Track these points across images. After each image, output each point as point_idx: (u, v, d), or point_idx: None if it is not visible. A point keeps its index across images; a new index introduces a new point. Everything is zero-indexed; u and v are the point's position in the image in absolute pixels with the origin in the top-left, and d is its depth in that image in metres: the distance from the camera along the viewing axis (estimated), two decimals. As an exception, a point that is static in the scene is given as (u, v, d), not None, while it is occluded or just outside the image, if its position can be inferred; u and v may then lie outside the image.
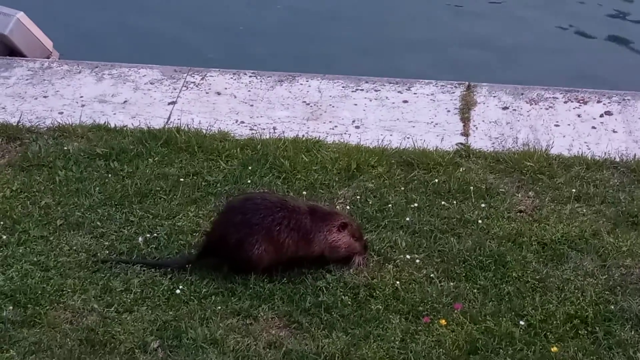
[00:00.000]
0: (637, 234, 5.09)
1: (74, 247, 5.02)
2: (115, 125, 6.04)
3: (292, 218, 4.75)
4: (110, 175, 5.56)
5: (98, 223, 5.19)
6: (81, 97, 6.37)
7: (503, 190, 5.45)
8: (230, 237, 4.74)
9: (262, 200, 4.82)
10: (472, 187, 5.43)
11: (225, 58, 7.41)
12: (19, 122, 6.02)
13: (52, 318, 4.57)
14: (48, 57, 7.07)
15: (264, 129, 6.05)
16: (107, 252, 4.99)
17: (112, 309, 4.64)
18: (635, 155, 5.72)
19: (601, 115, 6.15)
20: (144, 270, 4.86)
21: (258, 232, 4.71)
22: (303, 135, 5.94)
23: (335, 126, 6.10)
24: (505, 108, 6.25)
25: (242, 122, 6.13)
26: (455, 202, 5.34)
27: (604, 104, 6.25)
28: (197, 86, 6.49)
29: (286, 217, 4.74)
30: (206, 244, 4.88)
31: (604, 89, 6.43)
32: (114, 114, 6.20)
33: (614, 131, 6.01)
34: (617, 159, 5.70)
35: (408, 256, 4.95)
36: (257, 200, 4.83)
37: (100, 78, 6.58)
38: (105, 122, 6.06)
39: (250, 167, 5.62)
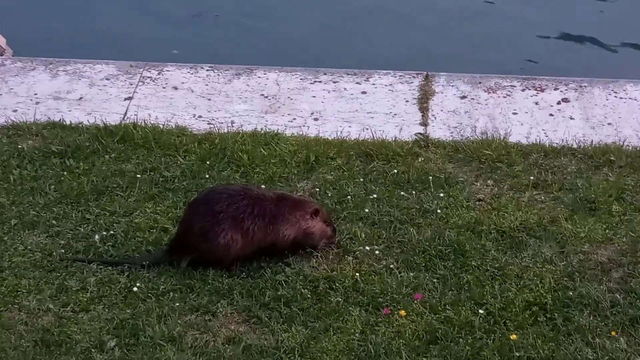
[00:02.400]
0: (594, 220, 5.12)
1: (29, 247, 4.94)
2: (70, 122, 5.95)
3: (256, 205, 4.74)
4: (65, 173, 5.48)
5: (54, 222, 5.11)
6: (35, 94, 6.28)
7: (462, 179, 5.45)
8: (195, 227, 4.72)
9: (225, 189, 4.82)
10: (431, 177, 5.43)
11: (182, 52, 7.33)
12: (-29, 121, 5.93)
13: (7, 319, 4.49)
14: (1, 55, 6.96)
15: (222, 122, 6.00)
16: (63, 251, 4.91)
17: (68, 308, 4.57)
18: (592, 141, 5.75)
19: (558, 103, 6.18)
20: (100, 269, 4.80)
21: (223, 220, 4.69)
22: (261, 129, 5.89)
23: (294, 118, 6.07)
24: (463, 97, 6.25)
25: (200, 117, 6.08)
26: (414, 192, 5.33)
27: (561, 91, 6.28)
28: (153, 81, 6.42)
29: (250, 205, 4.72)
30: (174, 239, 4.85)
31: (561, 77, 6.45)
32: (70, 110, 6.11)
33: (571, 118, 6.03)
34: (575, 146, 5.72)
35: (368, 247, 4.93)
36: (219, 189, 4.84)
37: (55, 74, 6.48)
38: (60, 119, 5.98)
39: (208, 162, 5.57)
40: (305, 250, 4.86)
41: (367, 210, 5.18)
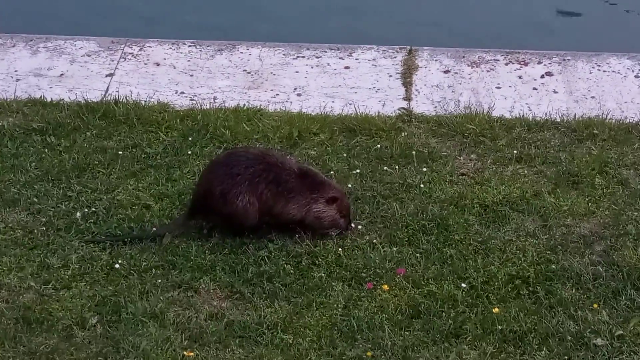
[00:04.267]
0: (577, 193, 5.12)
1: (10, 225, 4.91)
2: (51, 99, 5.90)
3: (271, 171, 4.71)
4: (46, 150, 5.44)
5: (35, 199, 5.08)
6: (16, 71, 6.21)
7: (445, 153, 5.44)
8: (215, 189, 4.71)
9: (245, 152, 4.81)
10: (414, 152, 5.41)
11: (163, 27, 7.25)
12: (-49, 98, 5.87)
13: (-12, 297, 4.48)
14: (-19, 32, 6.89)
15: (204, 99, 5.96)
16: (44, 228, 4.88)
17: (50, 286, 4.55)
18: (575, 115, 5.74)
19: (542, 76, 6.16)
20: (82, 246, 4.78)
21: (241, 183, 4.67)
22: (244, 105, 5.86)
23: (277, 94, 6.03)
24: (447, 71, 6.23)
25: (182, 93, 6.04)
26: (397, 167, 5.32)
27: (545, 65, 6.26)
28: (135, 57, 6.37)
29: (265, 170, 4.70)
30: (193, 202, 4.84)
31: (545, 50, 6.43)
32: (50, 87, 6.06)
33: (554, 92, 6.02)
34: (558, 119, 5.71)
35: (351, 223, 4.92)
36: (240, 153, 4.83)
37: (35, 51, 6.42)
38: (41, 96, 5.93)
39: (190, 138, 5.53)
40: (311, 233, 4.79)
41: (350, 185, 5.17)
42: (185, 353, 4.21)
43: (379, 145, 5.47)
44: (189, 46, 6.50)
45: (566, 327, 4.33)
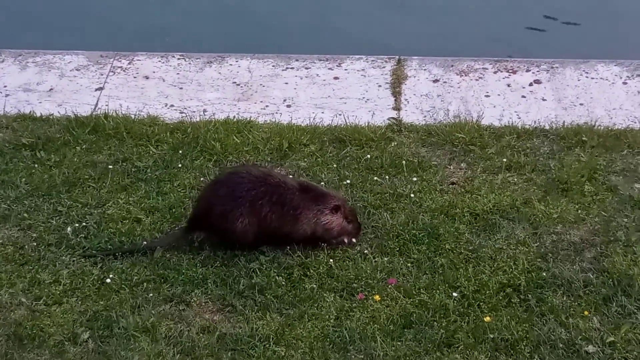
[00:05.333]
0: (567, 201, 5.13)
1: (0, 241, 4.90)
2: (41, 114, 5.91)
3: (274, 193, 4.72)
4: (36, 165, 5.44)
5: (25, 215, 5.07)
6: (5, 86, 6.21)
7: (435, 163, 5.45)
8: (215, 209, 4.73)
9: (247, 173, 4.81)
10: (404, 161, 5.42)
11: (154, 40, 7.26)
12: (-60, 115, 5.87)
13: (-21, 314, 4.47)
14: (-30, 47, 6.89)
15: (194, 111, 5.97)
16: (35, 244, 4.88)
17: (41, 301, 4.54)
18: (564, 122, 5.76)
19: (530, 84, 6.18)
20: (73, 261, 4.78)
21: (242, 205, 4.69)
22: (234, 117, 5.87)
23: (267, 106, 6.04)
24: (436, 81, 6.25)
25: (172, 106, 6.04)
26: (387, 177, 5.33)
27: (533, 73, 6.29)
28: (124, 71, 6.37)
29: (268, 192, 4.71)
30: (192, 217, 4.86)
31: (533, 58, 6.46)
32: (40, 102, 6.06)
33: (543, 99, 6.04)
34: (547, 127, 5.73)
35: (342, 233, 4.93)
36: (242, 174, 4.83)
37: (24, 66, 6.42)
38: (30, 112, 5.93)
39: (180, 151, 5.54)
40: (324, 244, 4.81)
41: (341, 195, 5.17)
42: (177, 367, 4.21)
43: (369, 156, 5.48)
44: (178, 59, 6.51)
45: (557, 335, 4.33)
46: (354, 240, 4.86)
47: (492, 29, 7.41)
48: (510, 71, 6.32)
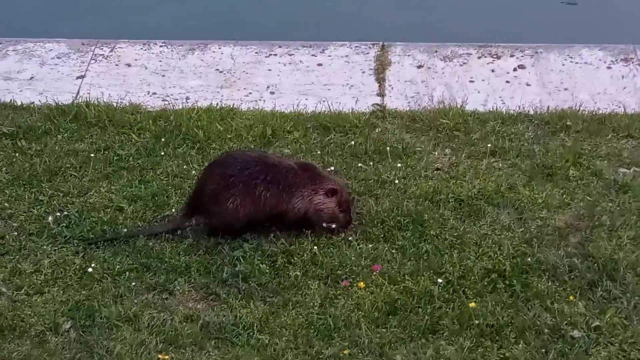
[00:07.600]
0: (552, 186, 5.12)
1: (-19, 231, 4.85)
2: (21, 102, 5.85)
3: (269, 171, 4.70)
4: (17, 154, 5.38)
5: (6, 204, 5.02)
6: (-15, 75, 6.16)
7: (420, 149, 5.42)
8: (207, 189, 4.71)
9: (241, 154, 4.81)
10: (388, 148, 5.39)
11: (136, 27, 7.18)
12: None
13: (-41, 305, 4.42)
14: (-51, 36, 6.80)
15: (176, 99, 5.92)
16: (16, 233, 4.83)
17: (22, 291, 4.49)
18: (548, 107, 5.74)
19: (514, 69, 6.16)
20: (54, 250, 4.73)
21: (234, 185, 4.66)
22: (217, 104, 5.82)
23: (250, 93, 6.00)
24: (420, 66, 6.21)
25: (154, 93, 5.99)
26: (372, 163, 5.30)
27: (517, 58, 6.26)
28: (106, 58, 6.31)
29: (263, 171, 4.69)
30: (189, 200, 4.83)
31: (517, 43, 6.42)
32: (20, 91, 6.00)
33: (527, 84, 6.02)
34: (532, 112, 5.71)
35: (326, 220, 4.89)
36: (236, 154, 4.82)
37: (4, 55, 6.35)
38: (11, 100, 5.87)
39: (163, 139, 5.49)
40: (312, 229, 4.77)
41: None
42: (160, 356, 4.16)
43: (353, 142, 5.45)
44: (160, 46, 6.45)
45: (543, 320, 4.32)
46: (341, 230, 4.82)
47: (476, 14, 7.36)
48: (494, 56, 6.29)
